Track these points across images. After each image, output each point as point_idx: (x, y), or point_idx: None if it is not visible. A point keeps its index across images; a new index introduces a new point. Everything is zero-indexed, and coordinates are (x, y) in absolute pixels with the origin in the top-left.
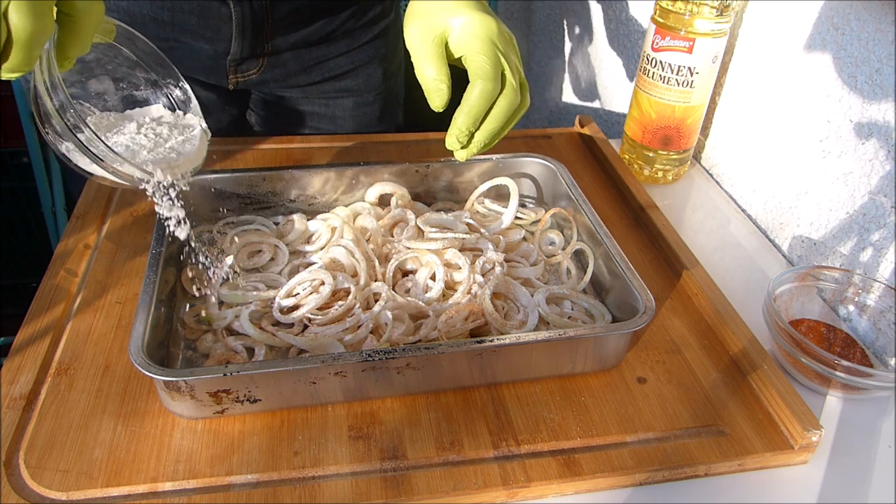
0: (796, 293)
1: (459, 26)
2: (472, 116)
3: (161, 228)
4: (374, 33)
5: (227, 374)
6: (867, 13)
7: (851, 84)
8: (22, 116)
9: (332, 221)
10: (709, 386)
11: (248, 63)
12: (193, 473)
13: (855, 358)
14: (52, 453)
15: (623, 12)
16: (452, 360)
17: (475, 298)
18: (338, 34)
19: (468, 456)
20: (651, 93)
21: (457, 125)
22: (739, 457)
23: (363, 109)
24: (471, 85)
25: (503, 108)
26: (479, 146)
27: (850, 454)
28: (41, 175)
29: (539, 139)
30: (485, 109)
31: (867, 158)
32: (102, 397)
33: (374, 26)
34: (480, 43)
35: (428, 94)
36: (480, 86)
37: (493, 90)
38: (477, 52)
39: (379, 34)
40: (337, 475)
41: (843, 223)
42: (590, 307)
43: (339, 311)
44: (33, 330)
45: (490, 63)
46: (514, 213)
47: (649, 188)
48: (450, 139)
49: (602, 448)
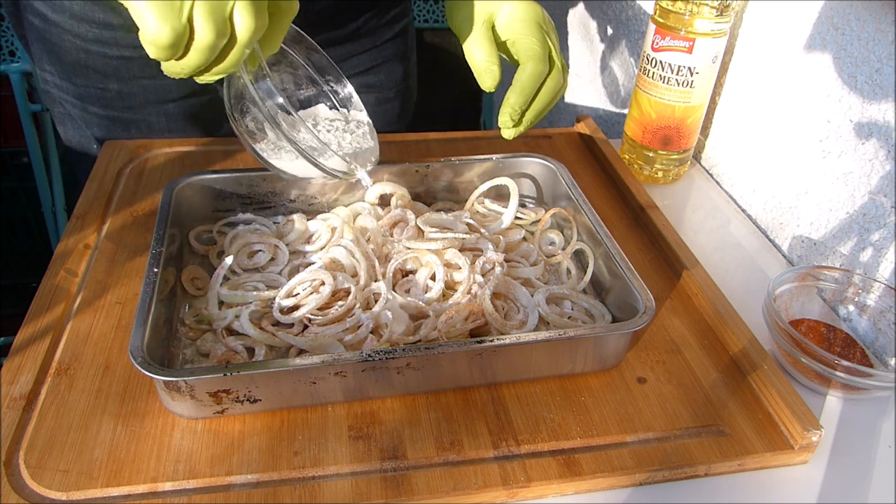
0: (796, 293)
1: (507, 11)
2: (524, 96)
3: (161, 228)
4: (394, 31)
5: (227, 374)
6: (867, 13)
7: (851, 84)
8: (22, 116)
9: (332, 221)
10: (709, 386)
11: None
12: (193, 473)
13: (855, 358)
14: (52, 453)
15: (623, 12)
16: (452, 360)
17: (475, 298)
18: (361, 33)
19: (468, 456)
20: (651, 93)
21: (510, 104)
22: (739, 457)
23: (385, 106)
24: (522, 66)
25: (550, 89)
26: (528, 124)
27: (850, 454)
28: (41, 175)
29: (539, 139)
30: (535, 89)
31: (867, 158)
32: (102, 397)
33: (395, 25)
34: (529, 26)
35: (479, 76)
36: (532, 66)
37: (543, 71)
38: (526, 34)
39: (399, 32)
40: (337, 475)
41: (843, 223)
42: (590, 307)
43: (339, 311)
44: (33, 330)
45: (539, 45)
46: (514, 213)
47: (649, 188)
48: (503, 118)
49: (602, 448)
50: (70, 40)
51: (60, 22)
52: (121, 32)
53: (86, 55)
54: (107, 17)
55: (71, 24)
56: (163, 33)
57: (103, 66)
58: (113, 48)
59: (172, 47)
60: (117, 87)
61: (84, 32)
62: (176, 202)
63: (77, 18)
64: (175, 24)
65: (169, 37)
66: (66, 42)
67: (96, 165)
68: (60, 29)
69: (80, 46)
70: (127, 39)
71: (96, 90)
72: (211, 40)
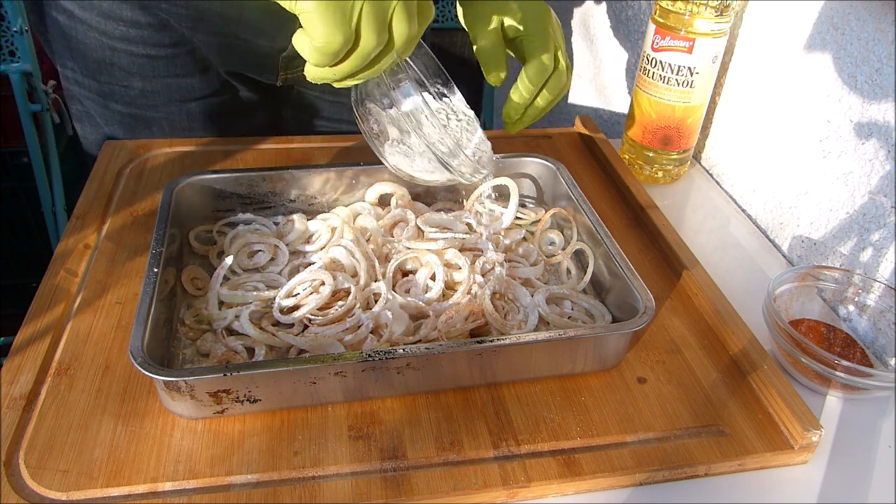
0: (796, 293)
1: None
2: (528, 92)
3: (161, 228)
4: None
5: (227, 374)
6: (867, 13)
7: (851, 84)
8: (22, 116)
9: (332, 221)
10: (709, 386)
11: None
12: (193, 473)
13: (855, 358)
14: (52, 453)
15: (623, 12)
16: (452, 360)
17: (475, 298)
18: None
19: (468, 456)
20: (651, 93)
21: (513, 100)
22: (739, 457)
23: None
24: (528, 64)
25: (554, 87)
26: (530, 121)
27: (850, 454)
28: (41, 175)
29: (539, 139)
30: (539, 87)
31: (867, 158)
32: (102, 397)
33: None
34: (537, 25)
35: (486, 70)
36: (536, 65)
37: (547, 69)
38: (534, 33)
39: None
40: (337, 475)
41: (843, 223)
42: (590, 307)
43: (339, 311)
44: (33, 330)
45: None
46: (514, 213)
47: (649, 188)
48: (508, 113)
49: (602, 448)
50: (96, 38)
51: (87, 19)
52: (148, 31)
53: (111, 53)
54: (135, 15)
55: (98, 21)
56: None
57: (128, 63)
58: (139, 46)
59: (339, 54)
60: (141, 85)
61: (111, 30)
62: (176, 202)
63: (105, 16)
64: (346, 31)
65: (340, 44)
66: (91, 39)
67: (96, 165)
68: (87, 26)
69: (105, 44)
70: (154, 38)
71: (120, 88)
72: (373, 47)
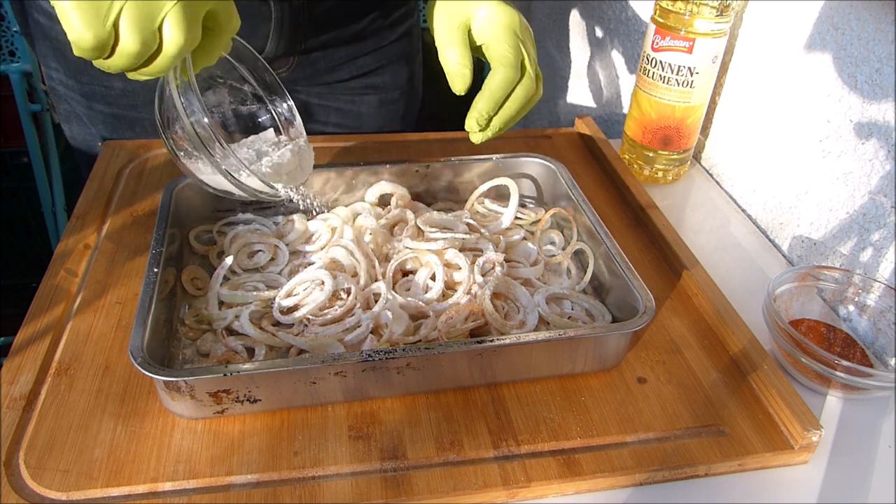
0: (796, 293)
1: (483, 15)
2: (492, 101)
3: (161, 228)
4: (399, 33)
5: (227, 374)
6: (867, 13)
7: (851, 84)
8: (22, 116)
9: (332, 221)
10: (709, 386)
11: (279, 62)
12: (193, 473)
13: (855, 358)
14: (52, 453)
15: (623, 12)
16: (452, 360)
17: (475, 298)
18: (366, 33)
19: (468, 456)
20: (651, 93)
21: (477, 109)
22: (739, 457)
23: (388, 107)
24: (493, 71)
25: (521, 96)
26: (496, 130)
27: (850, 454)
28: (41, 175)
29: (539, 139)
30: (504, 96)
31: (867, 158)
32: (102, 397)
33: (399, 26)
34: (503, 32)
35: (451, 78)
36: (502, 73)
37: (513, 78)
38: (500, 40)
39: (404, 34)
40: (337, 475)
41: (843, 223)
42: (590, 307)
43: (339, 311)
44: (33, 330)
45: (512, 52)
46: (514, 213)
47: (649, 188)
48: (470, 122)
49: (602, 448)
50: None
51: None
52: None
53: None
54: None
55: None
56: (85, 37)
57: None
58: None
59: (95, 50)
60: (121, 85)
61: None
62: (176, 202)
63: None
64: (98, 31)
65: (90, 42)
66: None
67: (96, 165)
68: None
69: None
70: None
71: (101, 88)
72: (135, 49)
